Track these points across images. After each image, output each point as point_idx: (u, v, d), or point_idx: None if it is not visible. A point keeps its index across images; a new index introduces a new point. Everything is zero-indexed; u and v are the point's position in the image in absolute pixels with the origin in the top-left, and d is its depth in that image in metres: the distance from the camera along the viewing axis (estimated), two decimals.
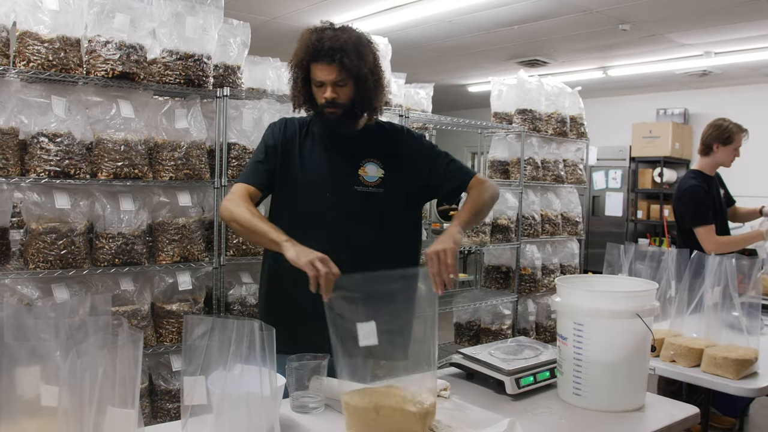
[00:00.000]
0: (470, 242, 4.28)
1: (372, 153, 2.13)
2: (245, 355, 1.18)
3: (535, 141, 4.81)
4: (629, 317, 1.80)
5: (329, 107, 2.00)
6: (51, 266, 2.68)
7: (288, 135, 2.13)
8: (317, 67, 1.97)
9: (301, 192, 2.09)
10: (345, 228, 2.08)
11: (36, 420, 1.10)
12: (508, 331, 4.58)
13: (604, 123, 9.38)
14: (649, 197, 9.07)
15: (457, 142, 11.20)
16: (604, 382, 1.83)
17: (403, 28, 6.10)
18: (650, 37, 6.48)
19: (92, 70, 2.82)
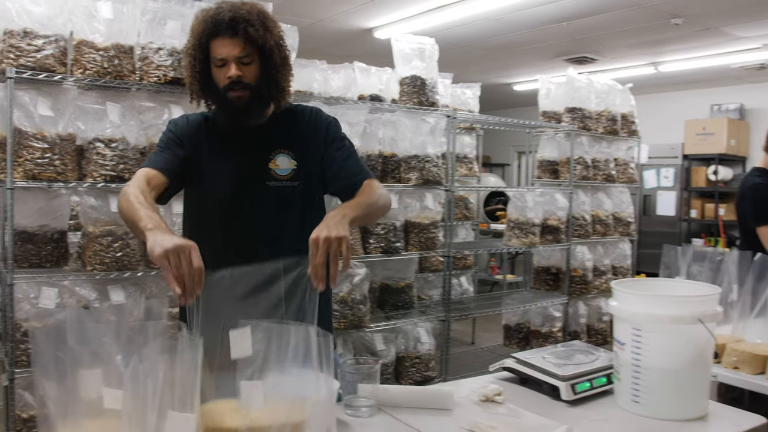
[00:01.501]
0: (520, 243, 4.23)
1: (281, 143, 1.92)
2: (302, 359, 1.18)
3: (585, 140, 4.73)
4: (690, 323, 1.74)
5: (235, 89, 1.79)
6: (107, 268, 2.74)
7: (191, 129, 1.92)
8: (218, 43, 1.76)
9: (209, 192, 1.91)
10: (262, 228, 1.90)
11: (98, 422, 1.12)
12: (559, 333, 4.51)
13: (655, 120, 9.16)
14: (703, 196, 8.83)
15: (504, 141, 11.13)
16: (664, 390, 1.78)
17: (449, 27, 6.07)
18: (704, 31, 6.30)
19: (145, 76, 2.87)
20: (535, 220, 4.25)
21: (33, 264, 2.76)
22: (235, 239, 1.89)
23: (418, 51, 3.86)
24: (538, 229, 4.28)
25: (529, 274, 4.94)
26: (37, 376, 1.12)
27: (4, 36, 2.63)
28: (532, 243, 4.24)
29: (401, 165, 3.77)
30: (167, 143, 1.91)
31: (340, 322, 3.36)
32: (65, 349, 1.14)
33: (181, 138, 1.91)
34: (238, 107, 1.82)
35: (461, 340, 5.66)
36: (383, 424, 1.72)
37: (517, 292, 5.02)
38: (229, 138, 1.92)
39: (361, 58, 4.13)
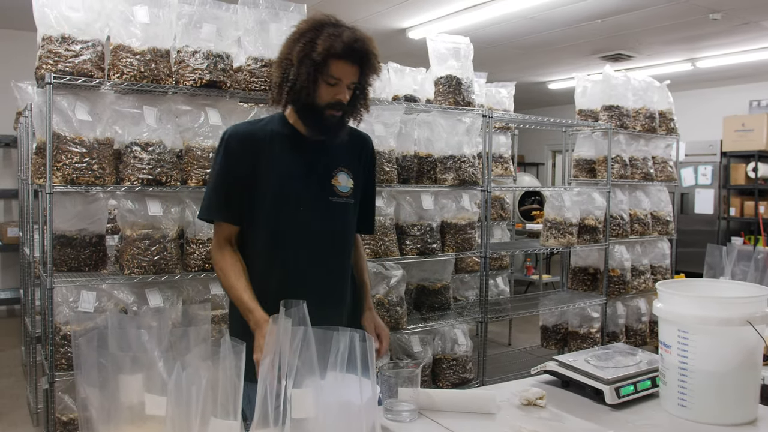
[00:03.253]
0: (557, 243, 4.17)
1: (342, 161, 1.96)
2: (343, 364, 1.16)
3: (623, 138, 4.65)
4: (739, 324, 1.69)
5: (334, 109, 1.83)
6: (145, 272, 2.76)
7: (246, 150, 1.88)
8: (341, 65, 1.78)
9: (275, 208, 1.89)
10: (322, 242, 1.93)
11: (140, 428, 1.12)
12: (597, 334, 4.44)
13: (692, 117, 8.99)
14: (742, 193, 8.63)
15: (538, 140, 11.03)
16: (712, 394, 1.73)
17: (483, 26, 6.03)
18: (743, 26, 6.16)
19: (181, 80, 2.89)
20: (573, 220, 4.18)
21: (72, 268, 2.80)
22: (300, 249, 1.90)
23: (453, 50, 3.83)
24: (575, 228, 4.21)
25: (566, 275, 4.87)
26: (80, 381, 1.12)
27: (43, 42, 2.67)
28: (569, 243, 4.18)
29: (437, 165, 3.74)
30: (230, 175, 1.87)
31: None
32: (106, 355, 1.14)
33: (239, 157, 1.88)
34: (332, 124, 1.86)
35: (498, 341, 5.61)
36: (424, 428, 1.69)
37: (554, 292, 4.95)
38: (295, 154, 1.91)
39: (396, 59, 4.12)
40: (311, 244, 1.91)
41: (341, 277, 1.97)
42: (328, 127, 1.86)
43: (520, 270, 7.91)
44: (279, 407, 1.22)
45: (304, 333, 1.21)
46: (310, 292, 1.61)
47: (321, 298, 1.78)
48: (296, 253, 1.89)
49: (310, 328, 1.24)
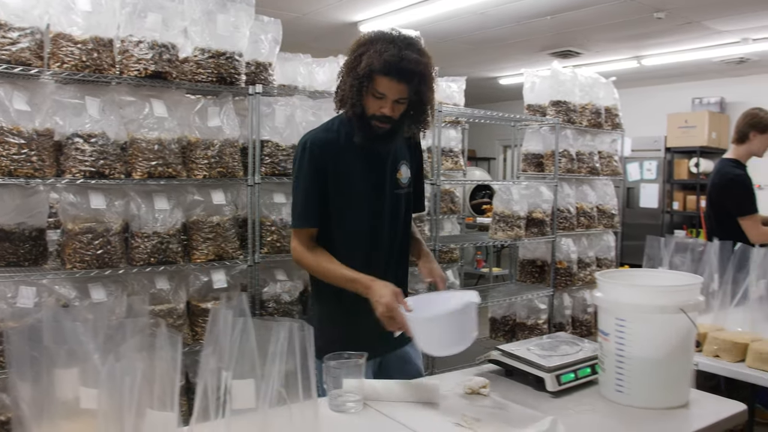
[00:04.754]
0: (505, 236, 4.23)
1: (403, 155, 2.17)
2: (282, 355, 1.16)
3: (570, 133, 4.74)
4: (673, 312, 1.75)
5: (380, 121, 1.96)
6: (88, 266, 2.70)
7: (327, 155, 2.04)
8: (386, 81, 1.89)
9: (348, 206, 2.07)
10: (391, 231, 2.13)
11: (75, 422, 1.10)
12: (544, 325, 4.52)
13: (638, 113, 9.20)
14: (685, 188, 8.89)
15: (489, 135, 11.15)
16: (648, 379, 1.79)
17: (434, 21, 6.05)
18: (686, 25, 6.33)
19: (125, 70, 2.83)
20: (521, 213, 4.25)
21: (10, 263, 2.72)
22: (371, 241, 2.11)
23: None
24: (523, 222, 4.28)
25: (515, 267, 4.95)
26: (12, 377, 1.09)
27: None
28: (517, 236, 4.24)
29: None
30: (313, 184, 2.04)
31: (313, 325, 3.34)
32: (41, 349, 1.12)
33: (322, 162, 2.03)
34: (377, 135, 1.99)
35: None
36: (369, 419, 1.71)
37: (503, 284, 5.02)
38: (363, 152, 2.06)
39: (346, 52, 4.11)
40: (383, 231, 2.11)
41: (404, 253, 2.21)
42: (374, 136, 1.99)
43: (471, 263, 8.00)
44: (219, 399, 1.21)
45: (244, 324, 1.21)
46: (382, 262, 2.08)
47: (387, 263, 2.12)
48: (372, 240, 2.10)
49: (249, 319, 1.23)
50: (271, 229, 3.20)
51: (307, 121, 3.38)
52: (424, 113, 2.02)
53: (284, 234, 3.23)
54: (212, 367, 1.19)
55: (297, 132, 3.33)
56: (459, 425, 1.63)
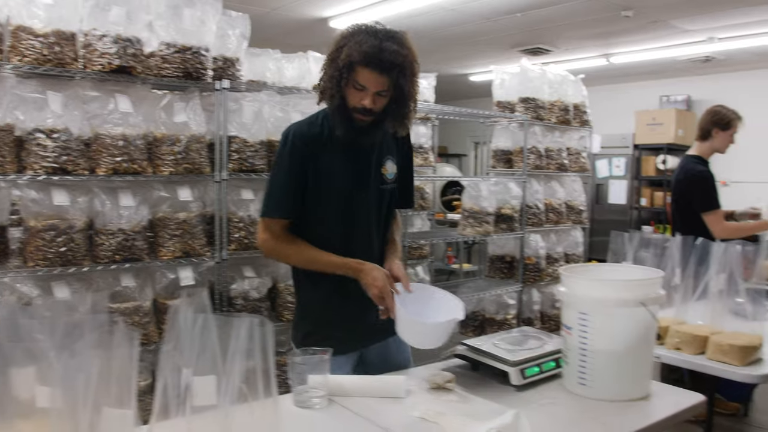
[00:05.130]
0: (474, 232, 4.25)
1: (390, 150, 2.15)
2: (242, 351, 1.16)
3: (538, 130, 4.77)
4: (634, 306, 1.78)
5: (362, 114, 1.95)
6: (50, 264, 2.66)
7: (309, 147, 2.02)
8: (366, 72, 1.88)
9: (330, 201, 2.06)
10: (374, 226, 2.13)
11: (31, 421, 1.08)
12: (513, 320, 4.56)
13: (608, 111, 9.31)
14: (652, 184, 9.03)
15: (460, 132, 11.19)
16: (610, 372, 1.81)
17: (405, 17, 6.06)
18: (653, 24, 6.42)
19: (88, 65, 2.79)
20: (489, 209, 4.28)
21: None
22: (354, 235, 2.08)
23: None
24: (492, 218, 4.31)
25: (484, 263, 4.98)
26: None
27: None
28: (486, 232, 4.27)
29: None
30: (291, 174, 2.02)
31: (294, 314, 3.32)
32: None
33: (303, 156, 2.01)
34: (358, 128, 1.98)
35: None
36: (335, 414, 1.71)
37: (473, 280, 5.05)
38: (348, 147, 2.04)
39: (318, 48, 4.09)
40: (364, 227, 2.09)
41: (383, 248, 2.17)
42: (355, 129, 1.98)
43: (442, 259, 8.03)
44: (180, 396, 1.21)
45: (205, 320, 1.20)
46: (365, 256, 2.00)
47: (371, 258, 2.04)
48: (353, 233, 2.07)
49: (211, 315, 1.23)
50: (238, 226, 3.18)
51: (275, 117, 3.36)
52: (405, 107, 2.00)
53: (252, 230, 3.21)
54: (172, 364, 1.18)
55: (265, 128, 3.32)
56: (423, 419, 1.64)
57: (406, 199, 2.29)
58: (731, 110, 3.74)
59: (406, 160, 2.24)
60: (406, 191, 2.27)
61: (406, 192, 2.27)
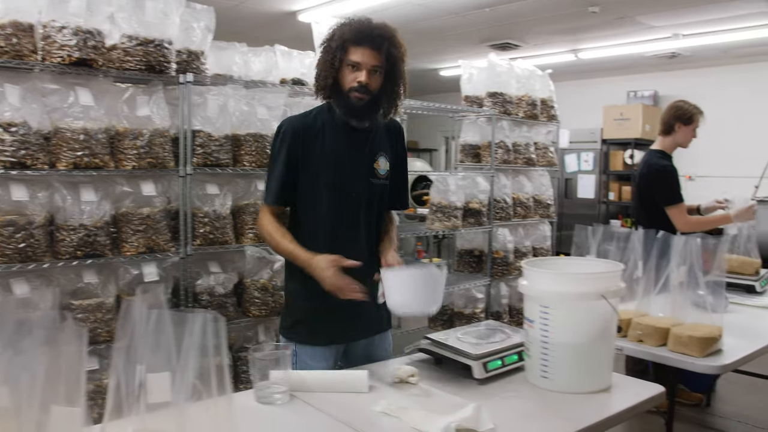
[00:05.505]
0: (442, 226, 4.26)
1: (382, 147, 2.21)
2: (196, 347, 1.14)
3: (506, 124, 4.80)
4: (595, 299, 1.80)
5: (358, 92, 2.02)
6: (9, 260, 2.60)
7: (300, 140, 2.10)
8: (359, 50, 1.99)
9: (327, 189, 2.12)
10: (364, 218, 2.18)
11: None
12: (482, 314, 4.58)
13: (576, 106, 9.41)
14: (620, 179, 9.14)
15: (431, 127, 11.21)
16: (571, 364, 1.83)
17: (374, 11, 6.04)
18: (619, 20, 6.49)
19: (47, 57, 2.73)
20: (457, 204, 4.29)
21: None
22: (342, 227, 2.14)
23: None
24: (460, 212, 4.32)
25: (453, 257, 4.99)
26: None
27: None
28: (454, 226, 4.29)
29: None
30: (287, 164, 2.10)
31: (262, 309, 3.31)
32: None
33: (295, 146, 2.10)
34: (357, 107, 2.05)
35: None
36: (296, 410, 1.70)
37: None
38: (342, 136, 2.13)
39: (286, 42, 4.06)
40: (353, 220, 2.15)
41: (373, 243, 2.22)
42: (356, 109, 2.06)
43: (412, 254, 8.04)
44: (133, 393, 1.19)
45: (158, 316, 1.19)
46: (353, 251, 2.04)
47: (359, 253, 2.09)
48: (344, 223, 2.14)
49: (166, 311, 1.21)
50: (203, 221, 3.15)
51: (241, 110, 3.33)
52: (397, 85, 2.10)
53: (217, 225, 3.18)
54: (125, 361, 1.16)
55: (230, 122, 3.28)
56: (385, 414, 1.63)
57: (399, 199, 2.34)
58: (693, 105, 3.79)
59: (399, 159, 2.31)
60: (399, 191, 2.33)
61: (399, 192, 2.33)
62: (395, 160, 2.27)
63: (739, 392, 4.28)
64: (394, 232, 2.31)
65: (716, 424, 3.86)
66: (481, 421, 1.53)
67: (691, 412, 3.97)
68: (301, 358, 2.11)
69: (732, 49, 7.59)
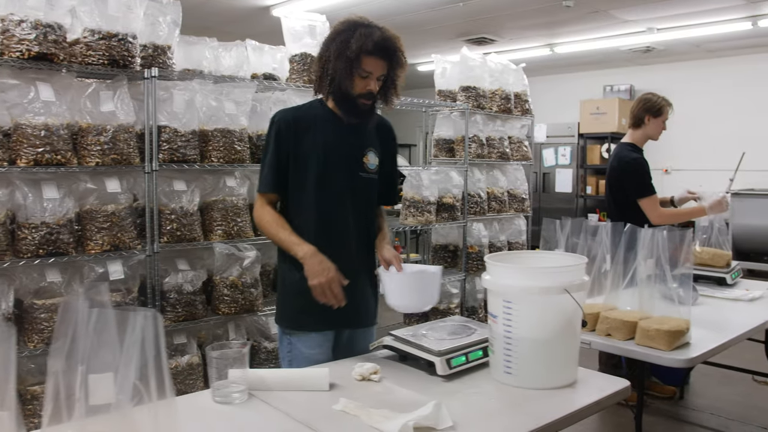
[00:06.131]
0: (416, 221, 4.24)
1: (372, 142, 2.27)
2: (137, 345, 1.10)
3: (480, 118, 4.78)
4: (558, 293, 1.77)
5: (366, 98, 2.12)
6: None
7: (291, 132, 2.17)
8: (372, 60, 2.06)
9: (318, 180, 2.17)
10: (353, 210, 2.23)
11: None
12: (456, 309, 4.57)
13: (553, 100, 9.44)
14: (597, 173, 9.18)
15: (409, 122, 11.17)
16: (535, 360, 1.81)
17: (348, 6, 6.00)
18: (594, 14, 6.50)
19: (6, 51, 2.67)
20: (431, 198, 4.27)
21: None
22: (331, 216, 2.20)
23: (309, 28, 3.77)
24: (433, 207, 4.30)
25: (428, 253, 4.98)
26: None
27: None
28: (428, 221, 4.26)
29: None
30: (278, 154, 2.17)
31: (231, 307, 3.27)
32: None
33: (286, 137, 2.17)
34: (364, 111, 2.17)
35: None
36: (255, 409, 1.66)
37: None
38: (333, 130, 2.20)
39: (259, 37, 4.01)
40: (341, 212, 2.20)
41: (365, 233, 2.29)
42: (362, 113, 2.16)
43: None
44: (74, 395, 1.15)
45: (99, 315, 1.15)
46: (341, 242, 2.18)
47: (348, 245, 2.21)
48: (333, 215, 2.19)
49: (108, 309, 1.17)
50: (170, 218, 3.10)
51: (209, 106, 3.29)
52: (394, 87, 2.20)
53: (185, 222, 3.13)
54: (64, 362, 1.12)
55: (197, 117, 3.24)
56: (344, 413, 1.61)
57: (388, 195, 2.41)
58: (662, 97, 3.80)
59: (389, 156, 2.37)
60: (388, 187, 2.39)
61: (389, 187, 2.40)
62: (384, 156, 2.32)
63: (713, 384, 4.30)
64: (385, 227, 2.39)
65: (689, 416, 3.87)
66: (440, 419, 1.50)
67: (665, 405, 3.98)
68: (295, 346, 2.18)
69: (705, 43, 7.65)
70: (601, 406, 1.79)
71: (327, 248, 2.10)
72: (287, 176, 2.19)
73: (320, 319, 2.16)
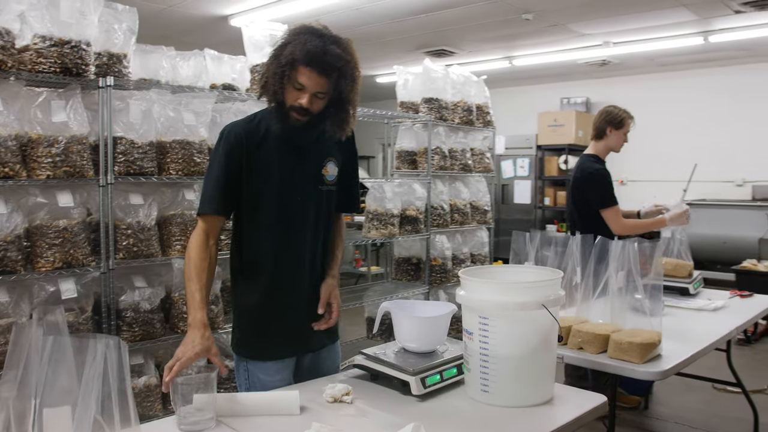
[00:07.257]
0: (379, 234, 4.18)
1: (331, 152, 2.14)
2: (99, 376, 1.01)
3: (442, 130, 4.76)
4: (535, 308, 1.73)
5: (297, 113, 1.94)
6: None
7: (243, 146, 1.99)
8: (307, 72, 1.87)
9: (275, 197, 2.03)
10: (312, 227, 2.09)
11: None
12: None
13: (511, 112, 9.52)
14: (555, 184, 9.28)
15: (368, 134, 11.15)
16: (512, 377, 1.76)
17: (308, 16, 5.93)
18: (552, 27, 6.58)
19: None
20: (394, 211, 4.21)
21: None
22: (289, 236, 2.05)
23: (270, 38, 3.69)
24: (396, 219, 4.25)
25: (391, 266, 4.92)
26: None
27: None
28: (391, 234, 4.21)
29: None
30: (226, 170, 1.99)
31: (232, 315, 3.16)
32: None
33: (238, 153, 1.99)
34: (293, 126, 1.96)
35: None
36: None
37: (380, 283, 4.97)
38: (288, 143, 2.03)
39: (217, 47, 3.91)
40: (299, 229, 2.06)
41: (320, 252, 2.14)
42: (292, 129, 1.97)
43: (350, 262, 7.96)
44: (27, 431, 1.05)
45: (56, 343, 1.05)
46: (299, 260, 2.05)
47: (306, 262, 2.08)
48: (291, 231, 2.05)
49: (65, 336, 1.07)
50: (126, 233, 2.97)
51: (167, 116, 3.17)
52: (344, 112, 2.00)
53: (142, 237, 3.00)
54: (16, 395, 1.02)
55: (155, 128, 3.12)
56: None
57: (350, 202, 2.28)
58: (623, 109, 3.84)
59: (349, 163, 2.24)
60: (349, 194, 2.27)
61: (349, 194, 2.27)
62: (345, 164, 2.20)
63: (675, 393, 4.34)
64: (340, 248, 2.26)
65: (654, 426, 3.89)
66: None
67: (630, 415, 3.99)
68: (253, 373, 2.04)
69: (658, 57, 7.81)
70: (581, 422, 1.75)
71: (285, 267, 2.03)
72: (236, 196, 2.01)
73: (279, 344, 2.04)
